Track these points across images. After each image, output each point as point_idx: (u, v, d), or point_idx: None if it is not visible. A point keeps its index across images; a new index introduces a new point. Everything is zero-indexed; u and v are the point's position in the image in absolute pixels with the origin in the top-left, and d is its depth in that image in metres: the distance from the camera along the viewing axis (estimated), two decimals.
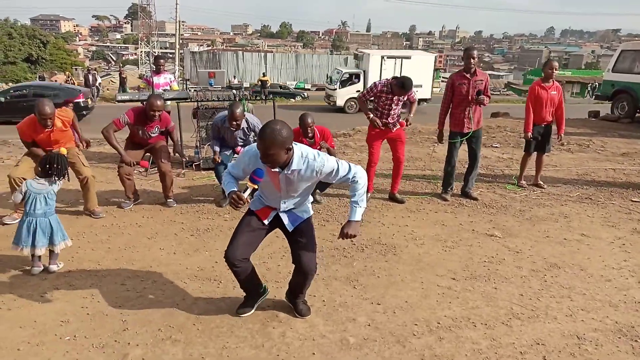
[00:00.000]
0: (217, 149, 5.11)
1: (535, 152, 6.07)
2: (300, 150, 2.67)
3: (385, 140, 5.35)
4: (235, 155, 5.13)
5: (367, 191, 5.47)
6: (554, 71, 5.75)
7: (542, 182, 6.18)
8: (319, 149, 5.28)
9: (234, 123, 4.88)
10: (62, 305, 3.15)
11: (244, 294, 3.13)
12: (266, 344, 2.81)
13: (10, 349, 2.69)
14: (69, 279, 3.49)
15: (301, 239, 2.90)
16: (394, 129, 5.20)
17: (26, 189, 3.50)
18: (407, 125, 5.32)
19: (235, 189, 2.71)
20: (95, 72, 26.26)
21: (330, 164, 2.69)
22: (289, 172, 2.64)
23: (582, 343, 2.90)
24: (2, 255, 3.83)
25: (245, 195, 2.64)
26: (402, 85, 4.93)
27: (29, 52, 36.71)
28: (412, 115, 5.37)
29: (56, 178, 3.57)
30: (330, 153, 5.17)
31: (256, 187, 2.70)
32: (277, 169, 2.63)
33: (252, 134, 5.11)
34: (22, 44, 36.60)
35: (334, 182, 2.85)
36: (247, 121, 5.04)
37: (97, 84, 24.54)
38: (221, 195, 5.20)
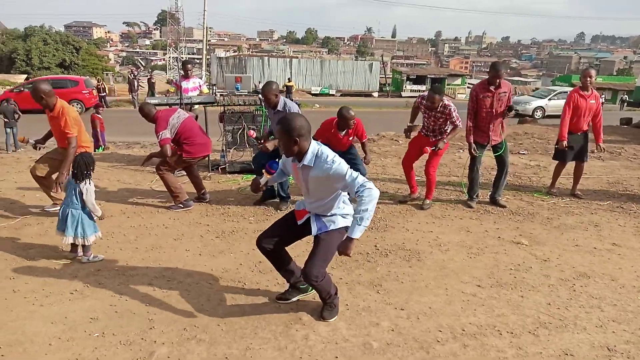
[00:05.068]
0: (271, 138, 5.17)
1: (574, 162, 5.90)
2: (315, 148, 2.78)
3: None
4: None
5: (411, 192, 5.58)
6: (590, 79, 5.55)
7: (579, 192, 5.99)
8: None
9: (267, 101, 4.92)
10: (92, 302, 3.23)
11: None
12: (289, 346, 2.82)
13: (42, 343, 2.78)
14: (99, 278, 3.58)
15: (317, 246, 2.94)
16: (432, 141, 5.21)
17: (67, 179, 3.90)
18: (433, 149, 5.15)
19: (260, 178, 3.11)
20: (137, 73, 26.62)
21: (341, 168, 2.72)
22: (301, 166, 2.82)
23: (612, 355, 2.82)
24: (36, 254, 3.95)
25: (262, 183, 3.07)
26: (431, 91, 5.04)
27: (62, 57, 37.78)
28: (445, 140, 5.14)
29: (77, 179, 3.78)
30: (363, 146, 5.47)
31: (269, 176, 3.09)
32: (295, 162, 2.85)
33: None
34: (57, 50, 37.72)
35: (346, 191, 2.84)
36: (285, 104, 4.98)
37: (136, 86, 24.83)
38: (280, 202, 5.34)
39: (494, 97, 5.12)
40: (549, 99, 22.65)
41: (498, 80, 5.08)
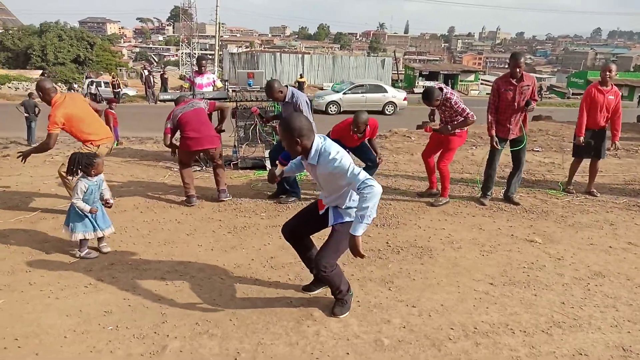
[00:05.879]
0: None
1: (589, 158, 5.82)
2: (318, 145, 2.78)
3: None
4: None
5: (430, 188, 5.62)
6: (609, 74, 5.46)
7: (595, 190, 5.89)
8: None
9: (274, 100, 5.16)
10: (106, 296, 3.27)
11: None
12: (300, 342, 2.83)
13: (57, 336, 2.82)
14: (112, 272, 3.62)
15: (330, 236, 2.98)
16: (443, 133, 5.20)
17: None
18: (435, 130, 5.19)
19: (275, 169, 3.20)
20: (150, 69, 26.81)
21: (343, 165, 2.71)
22: (307, 163, 2.88)
23: (628, 355, 2.78)
24: (51, 248, 4.01)
25: (277, 173, 3.16)
26: (423, 94, 5.12)
27: (77, 53, 38.13)
28: (449, 127, 5.08)
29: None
30: (371, 144, 5.49)
31: (282, 167, 3.18)
32: (303, 159, 2.92)
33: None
34: (71, 46, 38.08)
35: (349, 186, 2.77)
36: (292, 94, 5.03)
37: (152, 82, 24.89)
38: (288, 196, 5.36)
39: (517, 90, 5.03)
40: (344, 94, 21.06)
41: (519, 71, 4.98)
